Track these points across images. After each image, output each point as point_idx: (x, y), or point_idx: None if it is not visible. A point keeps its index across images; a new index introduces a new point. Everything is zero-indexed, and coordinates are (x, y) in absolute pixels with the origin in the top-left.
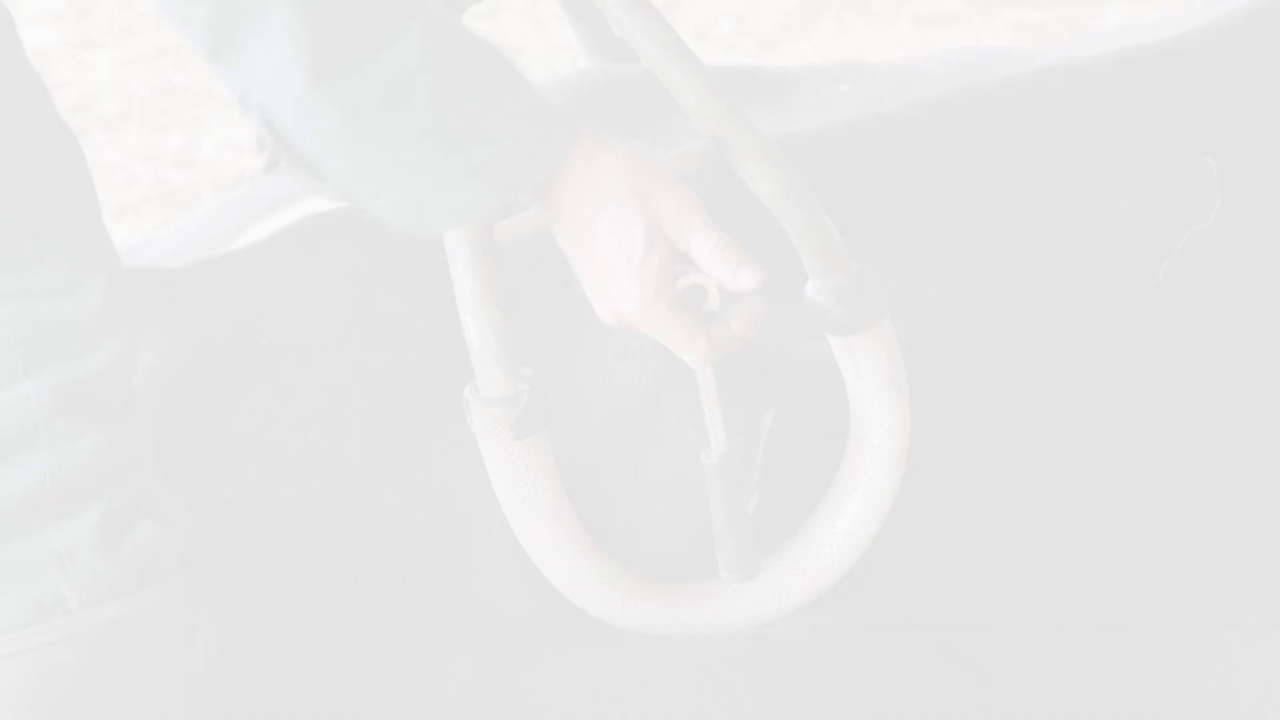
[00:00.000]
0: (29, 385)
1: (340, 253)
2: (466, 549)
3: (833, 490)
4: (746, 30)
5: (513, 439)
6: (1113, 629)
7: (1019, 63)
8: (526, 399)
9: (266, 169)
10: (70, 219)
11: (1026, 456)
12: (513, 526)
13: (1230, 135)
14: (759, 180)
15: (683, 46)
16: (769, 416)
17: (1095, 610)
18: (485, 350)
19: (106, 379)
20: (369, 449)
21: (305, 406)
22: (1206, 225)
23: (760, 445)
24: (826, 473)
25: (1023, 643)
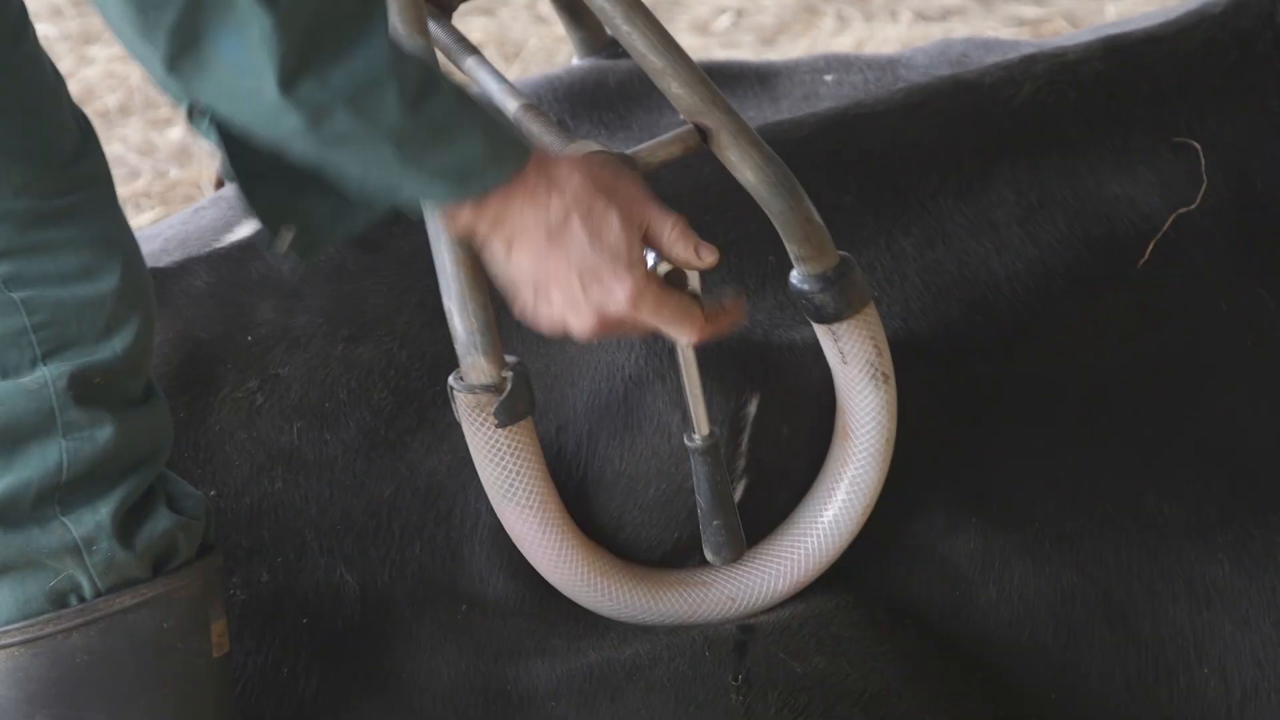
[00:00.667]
0: (46, 371)
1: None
2: (454, 540)
3: (820, 478)
4: (746, 25)
5: (496, 426)
6: (1105, 613)
7: (1004, 51)
8: (510, 386)
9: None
10: (87, 204)
11: (1016, 442)
12: (497, 514)
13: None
14: (741, 167)
15: (667, 37)
16: (754, 402)
17: (1088, 595)
18: (468, 338)
19: (124, 366)
20: (355, 442)
21: (291, 400)
22: (1192, 208)
23: (746, 431)
24: (815, 460)
25: (1015, 630)
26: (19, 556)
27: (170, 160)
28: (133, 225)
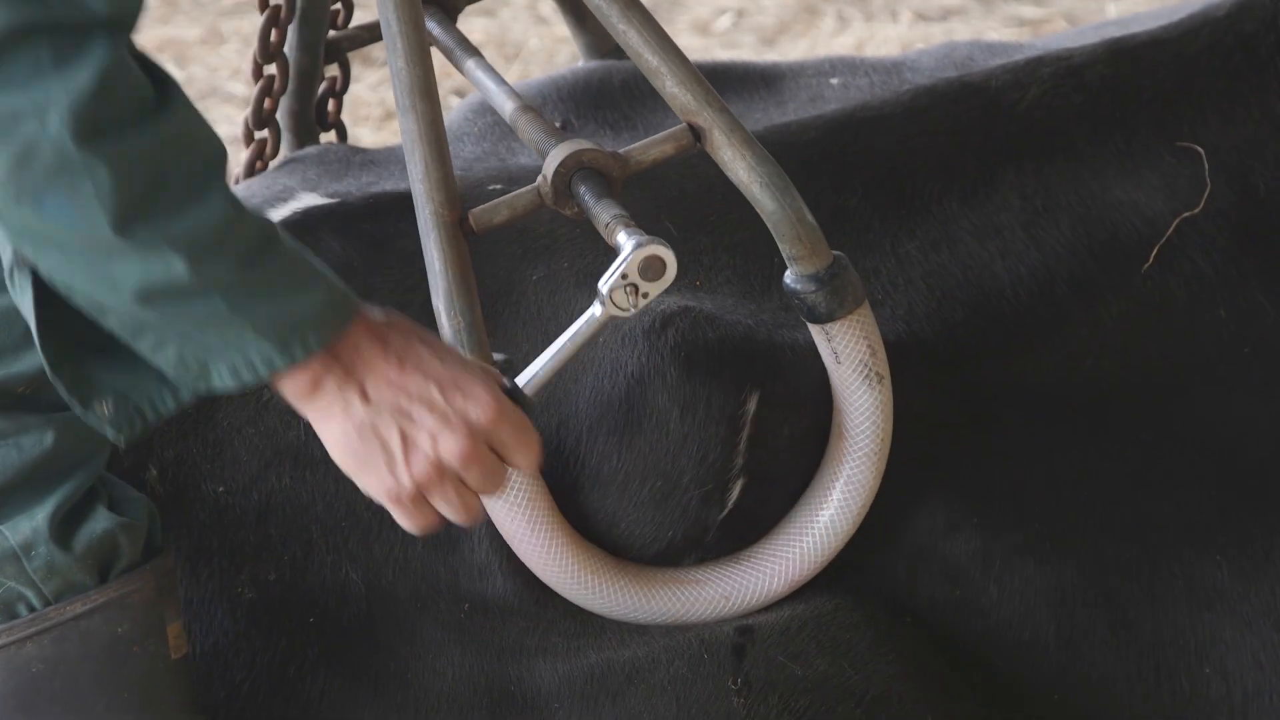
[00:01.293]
0: None
1: (329, 247)
2: (456, 540)
3: (815, 478)
4: (747, 25)
5: None
6: (1106, 614)
7: (1009, 54)
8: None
9: (245, 170)
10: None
11: (1018, 444)
12: (490, 514)
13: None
14: (734, 166)
15: (662, 35)
16: (754, 402)
17: (1088, 596)
18: (455, 337)
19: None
20: None
21: None
22: (1196, 211)
23: (745, 431)
24: (814, 461)
25: (1016, 630)
26: None
27: None
28: None
